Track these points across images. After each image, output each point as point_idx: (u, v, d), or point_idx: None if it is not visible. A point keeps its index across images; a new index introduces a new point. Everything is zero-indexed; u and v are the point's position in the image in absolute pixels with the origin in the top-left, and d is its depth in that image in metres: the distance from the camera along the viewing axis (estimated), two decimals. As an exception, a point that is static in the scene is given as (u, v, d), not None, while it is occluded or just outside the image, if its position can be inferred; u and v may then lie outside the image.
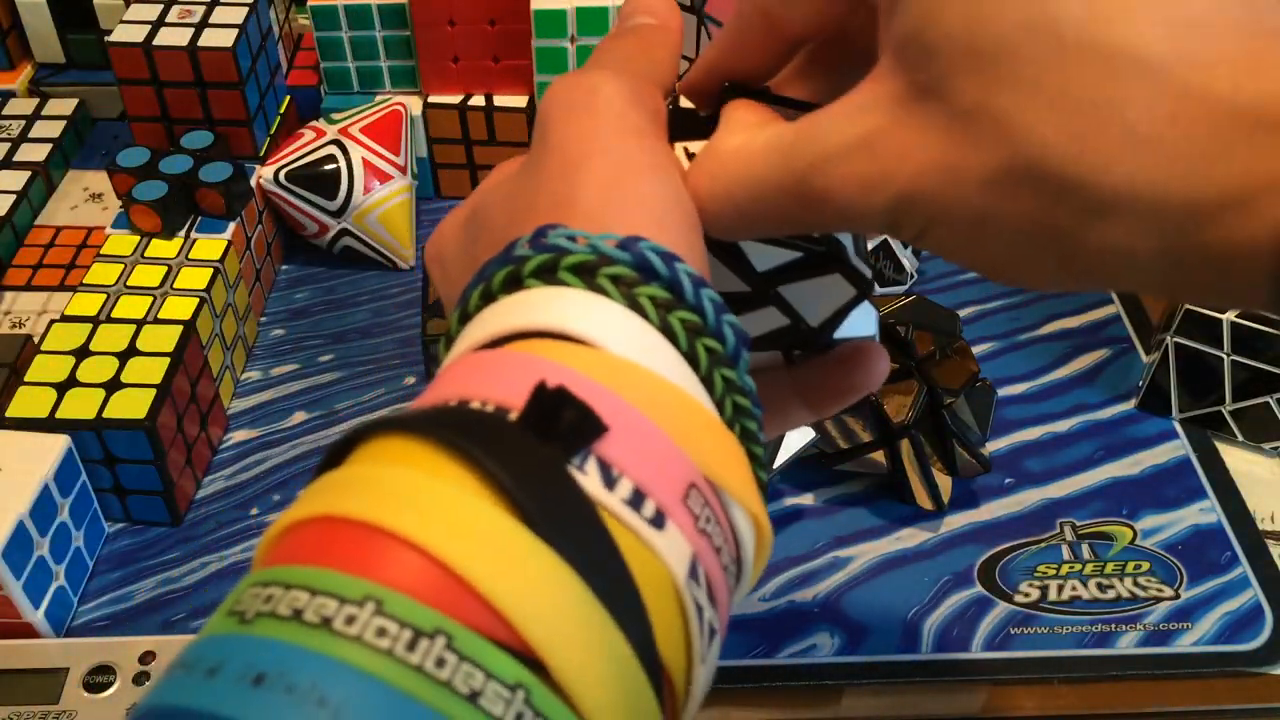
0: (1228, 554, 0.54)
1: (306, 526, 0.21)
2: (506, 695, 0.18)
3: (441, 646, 0.18)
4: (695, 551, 0.22)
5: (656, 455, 0.22)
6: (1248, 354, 0.56)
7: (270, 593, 0.19)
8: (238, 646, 0.18)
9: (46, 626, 0.49)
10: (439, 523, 0.19)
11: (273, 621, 0.18)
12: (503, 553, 0.19)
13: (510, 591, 0.19)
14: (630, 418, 0.22)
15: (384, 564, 0.19)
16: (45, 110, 0.74)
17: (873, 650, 0.50)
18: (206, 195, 0.61)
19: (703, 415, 0.24)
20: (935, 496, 0.54)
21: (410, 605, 0.18)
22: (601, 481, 0.21)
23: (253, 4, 0.65)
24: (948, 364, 0.55)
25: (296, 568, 0.19)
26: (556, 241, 0.24)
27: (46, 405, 0.51)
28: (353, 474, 0.21)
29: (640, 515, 0.21)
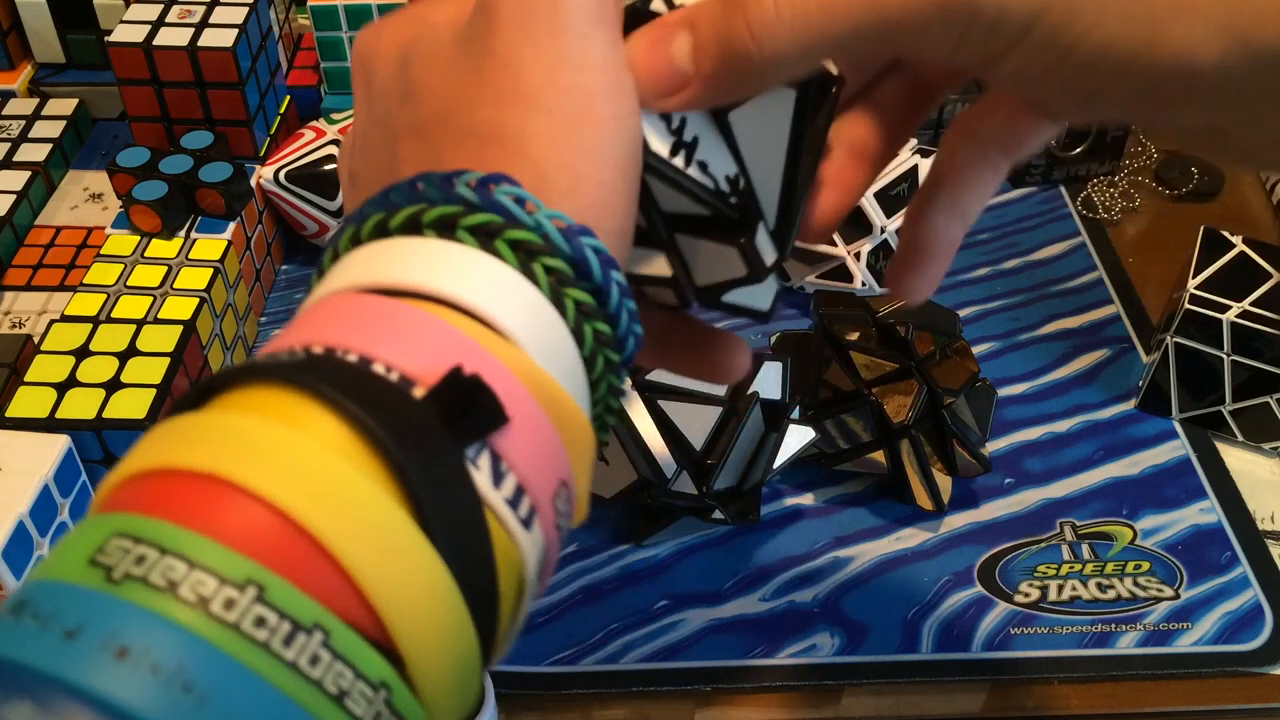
0: (1228, 554, 0.54)
1: (176, 477, 0.19)
2: (370, 695, 0.18)
3: (318, 643, 0.18)
4: (547, 548, 0.23)
5: (542, 453, 0.22)
6: (1248, 354, 0.56)
7: (143, 552, 0.18)
8: (102, 609, 0.17)
9: (46, 626, 0.49)
10: (323, 497, 0.19)
11: (143, 589, 0.17)
12: (385, 541, 0.19)
13: (387, 588, 0.19)
14: (530, 414, 0.22)
15: (264, 537, 0.18)
16: (45, 110, 0.74)
17: (873, 650, 0.50)
18: (206, 195, 0.61)
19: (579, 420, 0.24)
20: (935, 496, 0.54)
21: (292, 595, 0.18)
22: (490, 475, 0.21)
23: (253, 4, 0.65)
24: (948, 364, 0.55)
25: (170, 527, 0.18)
26: (504, 201, 0.23)
27: (46, 405, 0.51)
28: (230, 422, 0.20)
29: (516, 514, 0.21)
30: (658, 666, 0.49)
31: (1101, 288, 0.68)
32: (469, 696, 0.21)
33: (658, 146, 0.26)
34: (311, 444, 0.19)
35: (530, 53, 0.24)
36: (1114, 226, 0.73)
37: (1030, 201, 0.74)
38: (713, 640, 0.50)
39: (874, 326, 0.56)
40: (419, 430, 0.20)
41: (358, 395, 0.20)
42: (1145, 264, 0.70)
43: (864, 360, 0.54)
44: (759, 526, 0.55)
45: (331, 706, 0.18)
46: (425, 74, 0.26)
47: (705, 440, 0.50)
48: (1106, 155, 0.75)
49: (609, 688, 0.49)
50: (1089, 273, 0.69)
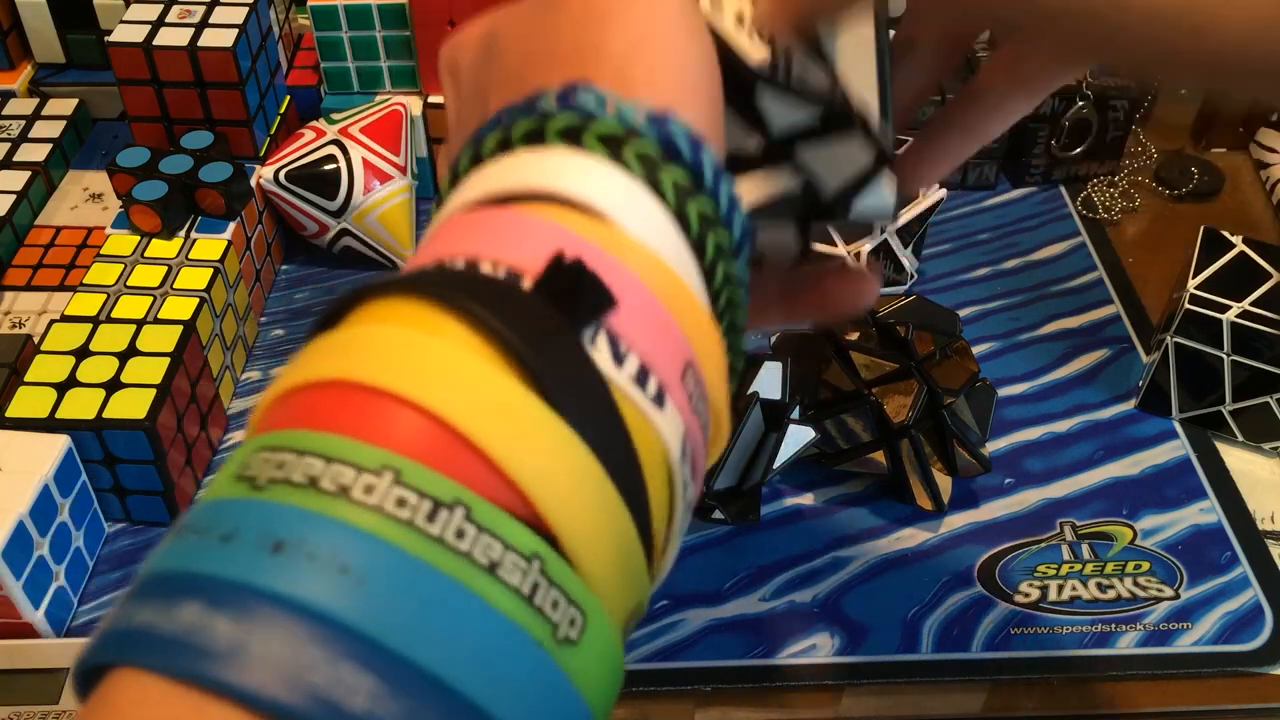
0: (1228, 554, 0.54)
1: (312, 391, 0.20)
2: (524, 566, 0.18)
3: (461, 518, 0.18)
4: (687, 430, 0.22)
5: (660, 333, 0.22)
6: (1248, 354, 0.56)
7: (282, 459, 0.18)
8: (252, 512, 0.18)
9: (46, 626, 0.49)
10: (453, 389, 0.19)
11: (287, 488, 0.18)
12: (519, 424, 0.19)
13: (528, 465, 0.19)
14: (640, 295, 0.22)
15: (398, 432, 0.19)
16: (45, 110, 0.74)
17: (873, 650, 0.50)
18: (206, 195, 0.61)
19: (696, 307, 0.23)
20: (935, 496, 0.54)
21: (429, 475, 0.18)
22: (611, 356, 0.21)
23: (253, 4, 0.65)
24: (948, 364, 0.55)
25: (307, 433, 0.19)
26: (585, 104, 0.23)
27: (46, 405, 0.51)
28: (357, 335, 0.20)
29: (645, 393, 0.21)
30: (658, 666, 0.49)
31: (1101, 288, 0.68)
32: (633, 576, 0.21)
33: (759, 62, 0.27)
34: (429, 339, 0.20)
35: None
36: (1114, 226, 0.73)
37: (1030, 201, 0.74)
38: (713, 640, 0.50)
39: (874, 326, 0.56)
40: (529, 315, 0.20)
41: (465, 292, 0.20)
42: (1145, 264, 0.70)
43: (864, 360, 0.54)
44: (759, 526, 0.55)
45: (485, 577, 0.18)
46: (507, 35, 0.27)
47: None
48: (1106, 155, 0.75)
49: (609, 688, 0.49)
50: (1089, 273, 0.69)
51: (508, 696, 0.18)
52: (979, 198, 0.74)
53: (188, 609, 0.16)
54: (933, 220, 0.67)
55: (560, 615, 0.19)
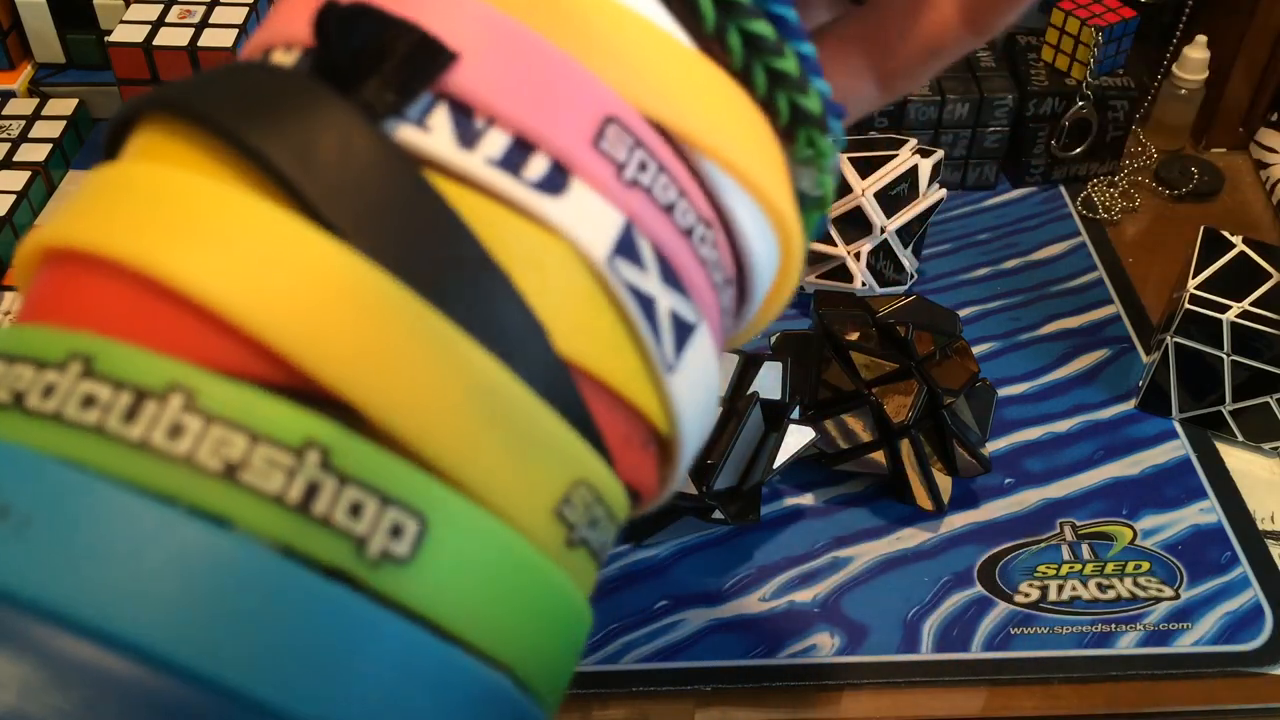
0: (1228, 554, 0.54)
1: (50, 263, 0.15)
2: (288, 462, 0.13)
3: (178, 408, 0.13)
4: (629, 215, 0.15)
5: (544, 80, 0.15)
6: (1248, 354, 0.56)
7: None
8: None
9: (46, 626, 0.49)
10: (170, 231, 0.14)
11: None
12: (260, 253, 0.13)
13: (280, 310, 0.13)
14: (500, 26, 0.15)
15: (95, 305, 0.14)
16: (45, 110, 0.74)
17: (873, 650, 0.50)
18: (206, 195, 0.61)
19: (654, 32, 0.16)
20: (935, 496, 0.54)
21: (130, 356, 0.13)
22: (455, 135, 0.15)
23: (253, 4, 0.65)
24: (948, 364, 0.55)
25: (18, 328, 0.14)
26: None
27: (46, 405, 0.51)
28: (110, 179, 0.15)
29: (520, 178, 0.15)
30: (658, 666, 0.49)
31: (1101, 288, 0.68)
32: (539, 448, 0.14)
33: None
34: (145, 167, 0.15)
35: None
36: (1114, 226, 0.73)
37: (1030, 201, 0.74)
38: (713, 640, 0.50)
39: (874, 326, 0.56)
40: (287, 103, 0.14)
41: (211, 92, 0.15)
42: (1145, 264, 0.70)
43: (864, 360, 0.54)
44: (759, 526, 0.55)
45: (219, 488, 0.13)
46: None
47: (705, 440, 0.50)
48: (1106, 155, 0.75)
49: (609, 688, 0.49)
50: (1089, 273, 0.69)
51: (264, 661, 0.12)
52: (979, 198, 0.74)
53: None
54: (933, 220, 0.67)
55: (367, 525, 0.13)
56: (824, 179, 0.18)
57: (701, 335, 0.17)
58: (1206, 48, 0.73)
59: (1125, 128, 0.73)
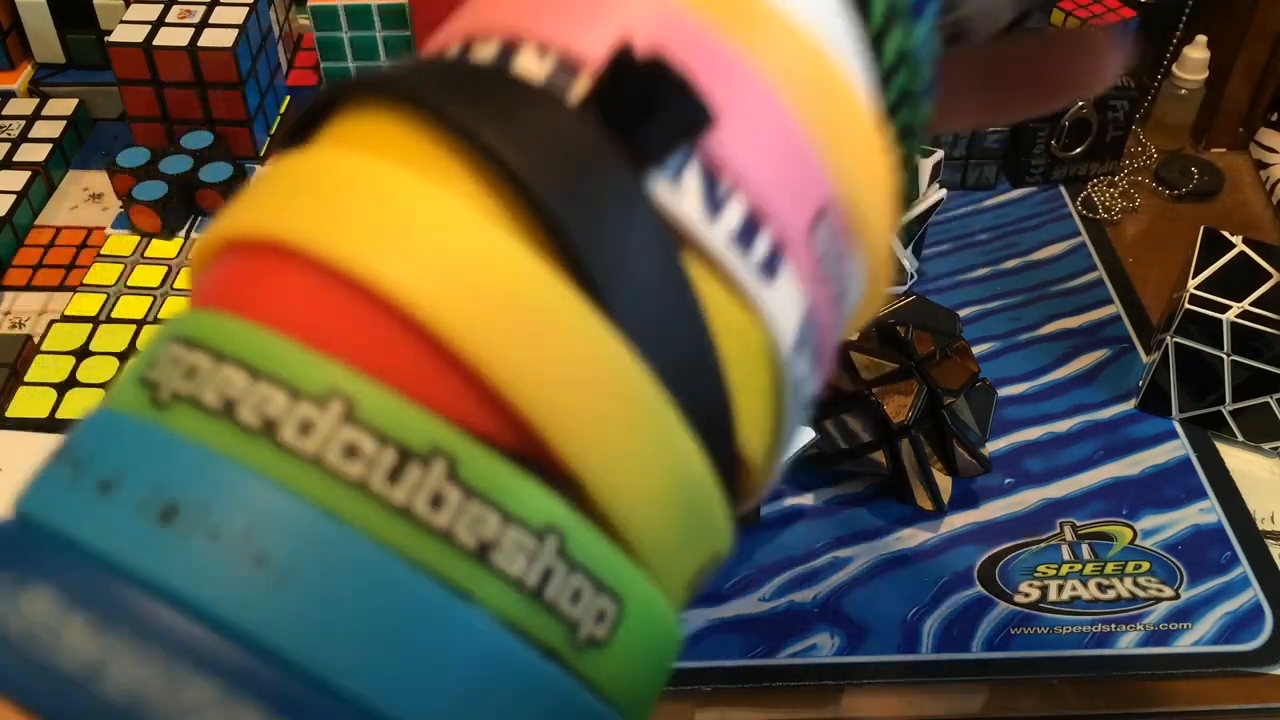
0: (1228, 554, 0.54)
1: (246, 252, 0.14)
2: (531, 545, 0.13)
3: (440, 476, 0.12)
4: (810, 305, 0.16)
5: (788, 163, 0.15)
6: (1248, 354, 0.56)
7: (195, 362, 0.13)
8: (145, 448, 0.12)
9: (46, 626, 0.49)
10: (436, 268, 0.13)
11: (193, 412, 0.12)
12: (532, 323, 0.13)
13: (543, 387, 0.13)
14: (759, 102, 0.15)
15: (354, 335, 0.13)
16: (45, 110, 0.74)
17: (873, 650, 0.50)
18: (206, 195, 0.61)
19: (854, 113, 0.16)
20: (935, 496, 0.54)
21: (395, 408, 0.12)
22: (703, 200, 0.14)
23: (253, 4, 0.65)
24: (948, 364, 0.55)
25: (229, 320, 0.13)
26: None
27: (46, 405, 0.51)
28: (315, 165, 0.14)
29: (748, 257, 0.15)
30: (658, 666, 0.49)
31: (1101, 288, 0.68)
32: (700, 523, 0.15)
33: None
34: (410, 182, 0.14)
35: None
36: (1114, 226, 0.73)
37: (1030, 201, 0.74)
38: (713, 640, 0.50)
39: (874, 326, 0.56)
40: (569, 144, 0.14)
41: (475, 102, 0.14)
42: (1145, 264, 0.70)
43: (864, 360, 0.54)
44: (759, 526, 0.55)
45: (472, 568, 0.12)
46: None
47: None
48: (1106, 155, 0.75)
49: (609, 688, 0.49)
50: (1089, 273, 0.69)
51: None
52: (979, 198, 0.74)
53: (36, 599, 0.12)
54: (933, 220, 0.67)
55: (583, 609, 0.13)
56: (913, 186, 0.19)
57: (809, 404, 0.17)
58: (1206, 48, 0.73)
59: (1125, 128, 0.73)
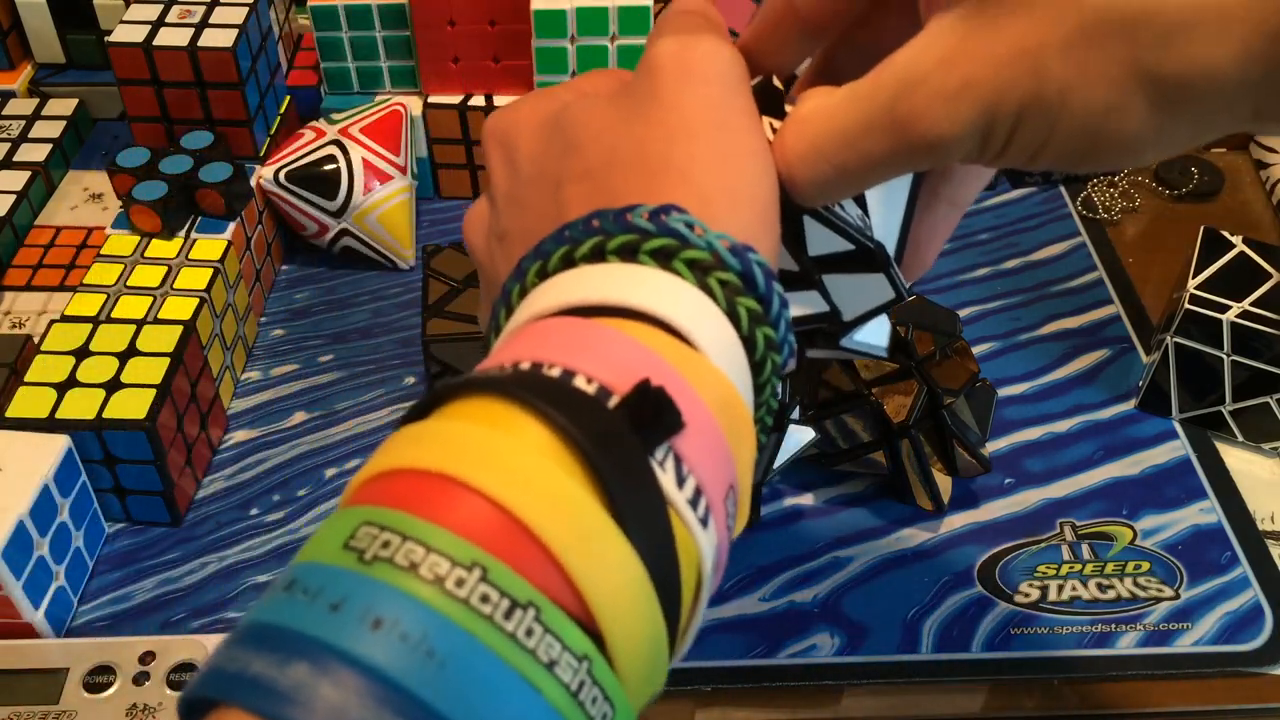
0: (1228, 554, 0.54)
1: (413, 476, 0.22)
2: (575, 665, 0.21)
3: (531, 618, 0.20)
4: (719, 545, 0.25)
5: (717, 459, 0.24)
6: (1248, 354, 0.56)
7: (388, 538, 0.21)
8: (360, 588, 0.20)
9: (46, 627, 0.49)
10: (538, 496, 0.21)
11: (390, 568, 0.20)
12: (590, 537, 0.21)
13: (593, 578, 0.21)
14: (707, 423, 0.24)
15: (488, 531, 0.21)
16: (45, 110, 0.74)
17: (873, 650, 0.50)
18: (206, 195, 0.61)
19: (750, 430, 0.26)
20: (935, 496, 0.54)
21: (511, 577, 0.20)
22: (675, 478, 0.23)
23: (253, 4, 0.65)
24: (948, 364, 0.55)
25: (411, 518, 0.21)
26: (677, 227, 0.26)
27: (46, 405, 0.51)
28: (456, 430, 0.23)
29: (695, 513, 0.23)
30: (658, 666, 0.49)
31: (1101, 288, 0.68)
32: (657, 680, 0.23)
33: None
34: (525, 448, 0.22)
35: (690, 97, 0.28)
36: (1114, 226, 0.73)
37: (1030, 201, 0.74)
38: (713, 640, 0.50)
39: (874, 326, 0.56)
40: (613, 437, 0.23)
41: (562, 406, 0.23)
42: (1145, 264, 0.70)
43: (864, 360, 0.54)
44: (759, 526, 0.55)
45: (544, 673, 0.20)
46: (587, 129, 0.29)
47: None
48: (1106, 155, 0.75)
49: (609, 688, 0.49)
50: (1089, 273, 0.69)
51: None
52: (979, 198, 0.74)
53: (298, 668, 0.19)
54: (933, 220, 0.67)
55: (597, 711, 0.21)
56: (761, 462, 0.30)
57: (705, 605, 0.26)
58: (1206, 48, 0.73)
59: (1125, 128, 0.73)
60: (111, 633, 0.51)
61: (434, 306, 0.58)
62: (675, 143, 0.27)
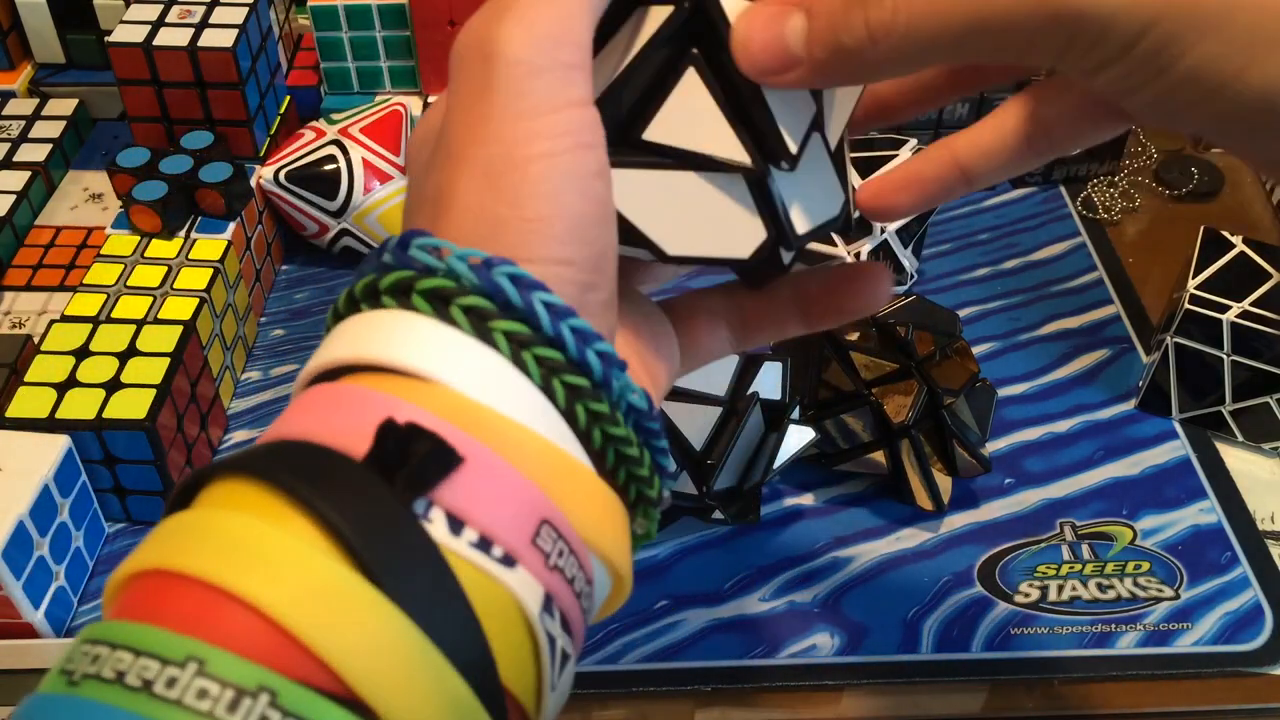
0: (1228, 554, 0.54)
1: (144, 579, 0.21)
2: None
3: (265, 704, 0.18)
4: (547, 589, 0.22)
5: (504, 498, 0.22)
6: (1248, 354, 0.56)
7: (97, 652, 0.19)
8: (62, 710, 0.19)
9: (46, 627, 0.49)
10: (270, 576, 0.19)
11: (96, 684, 0.19)
12: (334, 605, 0.19)
13: (338, 644, 0.19)
14: (478, 456, 0.22)
15: (212, 622, 0.19)
16: (45, 110, 0.74)
17: (873, 650, 0.50)
18: (206, 195, 0.61)
19: (555, 453, 0.23)
20: (935, 496, 0.54)
21: (233, 663, 0.19)
22: (447, 528, 0.21)
23: (253, 4, 0.65)
24: (948, 364, 0.55)
25: (125, 624, 0.20)
26: (417, 255, 0.24)
27: (46, 405, 0.51)
28: (194, 520, 0.21)
29: (489, 556, 0.22)
30: (658, 666, 0.49)
31: (1101, 288, 0.68)
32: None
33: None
34: (252, 524, 0.20)
35: (460, 116, 0.25)
36: (1114, 226, 0.73)
37: (1030, 201, 0.74)
38: (713, 640, 0.50)
39: (874, 326, 0.56)
40: (355, 490, 0.21)
41: (293, 470, 0.21)
42: (1145, 264, 0.70)
43: (864, 360, 0.54)
44: (759, 526, 0.55)
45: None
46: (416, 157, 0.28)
47: (705, 440, 0.50)
48: (1106, 155, 0.75)
49: (609, 688, 0.49)
50: (1089, 273, 0.69)
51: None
52: (979, 198, 0.74)
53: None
54: (933, 220, 0.67)
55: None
56: (651, 526, 0.27)
57: (572, 661, 0.24)
58: (1206, 48, 0.73)
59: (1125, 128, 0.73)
60: (111, 633, 0.51)
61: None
62: (445, 170, 0.25)
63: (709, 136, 0.27)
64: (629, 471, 0.26)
